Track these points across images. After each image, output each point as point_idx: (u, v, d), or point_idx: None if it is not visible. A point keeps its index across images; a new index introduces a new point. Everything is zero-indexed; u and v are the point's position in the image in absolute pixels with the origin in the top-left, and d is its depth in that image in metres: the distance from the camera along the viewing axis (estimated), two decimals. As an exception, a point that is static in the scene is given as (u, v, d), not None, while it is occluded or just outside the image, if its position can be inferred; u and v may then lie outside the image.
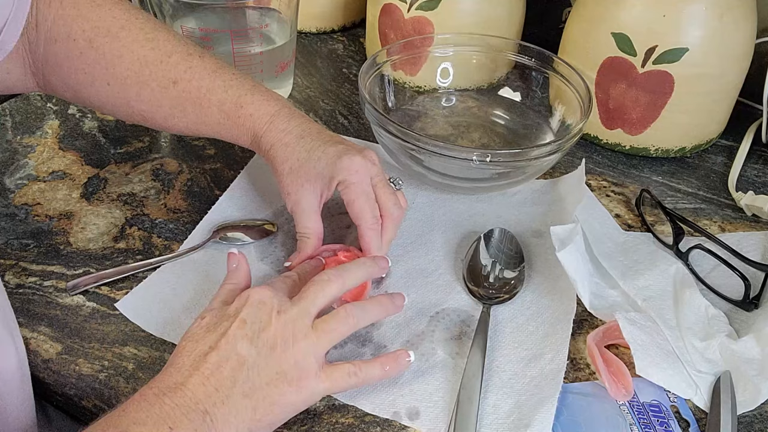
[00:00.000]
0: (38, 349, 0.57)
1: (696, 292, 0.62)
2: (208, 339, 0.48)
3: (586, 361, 0.58)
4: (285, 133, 0.61)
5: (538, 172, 0.70)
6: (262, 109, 0.61)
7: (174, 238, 0.68)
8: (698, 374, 0.56)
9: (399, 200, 0.62)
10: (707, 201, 0.76)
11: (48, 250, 0.66)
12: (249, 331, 0.48)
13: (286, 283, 0.55)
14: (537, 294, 0.63)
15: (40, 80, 0.63)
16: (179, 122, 0.63)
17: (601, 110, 0.80)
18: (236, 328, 0.48)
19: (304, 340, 0.49)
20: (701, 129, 0.80)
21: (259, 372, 0.47)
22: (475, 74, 0.84)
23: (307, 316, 0.50)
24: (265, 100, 0.62)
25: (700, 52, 0.72)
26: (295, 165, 0.60)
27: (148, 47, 0.61)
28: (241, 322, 0.48)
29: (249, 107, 0.61)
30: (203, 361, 0.47)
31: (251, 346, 0.48)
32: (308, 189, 0.60)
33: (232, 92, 0.62)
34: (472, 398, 0.52)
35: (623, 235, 0.69)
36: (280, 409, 0.48)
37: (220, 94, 0.61)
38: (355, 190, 0.59)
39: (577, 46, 0.80)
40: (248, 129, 0.62)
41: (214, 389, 0.46)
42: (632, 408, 0.54)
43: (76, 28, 0.59)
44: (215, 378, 0.46)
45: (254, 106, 0.61)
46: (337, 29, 1.06)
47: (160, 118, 0.63)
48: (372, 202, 0.60)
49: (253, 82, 0.63)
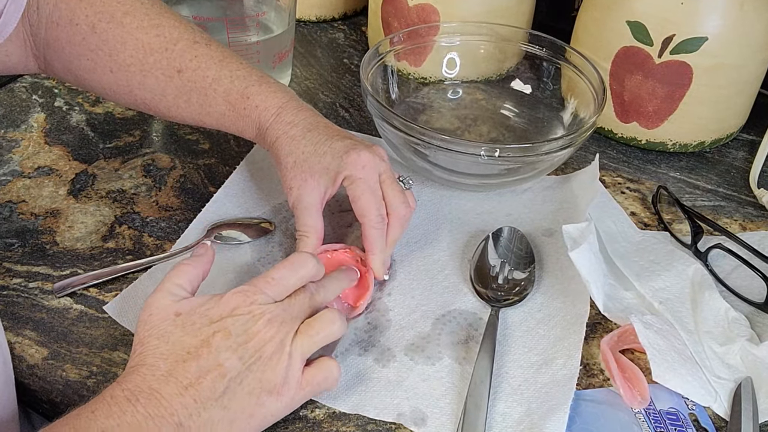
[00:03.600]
0: (23, 354, 0.57)
1: (715, 294, 0.61)
2: (186, 343, 0.47)
3: (599, 367, 0.58)
4: (291, 126, 0.61)
5: (550, 167, 0.70)
6: (269, 101, 0.62)
7: (166, 237, 0.68)
8: (718, 380, 0.56)
9: (407, 199, 0.62)
10: (727, 198, 0.76)
11: (33, 250, 0.66)
12: (233, 342, 0.47)
13: (271, 286, 0.52)
14: (548, 296, 0.63)
15: (41, 63, 0.64)
16: (183, 112, 0.64)
17: (616, 103, 0.80)
18: (221, 339, 0.47)
19: (289, 348, 0.49)
20: (721, 122, 0.79)
21: (240, 382, 0.47)
22: (483, 65, 0.84)
23: (294, 323, 0.50)
24: (273, 91, 0.62)
25: (719, 41, 0.72)
26: (299, 158, 0.60)
27: (153, 34, 0.61)
28: (226, 333, 0.48)
29: (256, 98, 0.62)
30: (181, 368, 0.46)
31: (235, 357, 0.47)
32: (312, 184, 0.60)
33: (239, 83, 0.62)
34: (480, 405, 0.52)
35: (639, 234, 0.69)
36: (258, 422, 0.48)
37: (227, 84, 0.62)
38: (362, 186, 0.59)
39: (590, 35, 0.80)
40: (254, 120, 0.62)
41: (192, 400, 0.45)
42: (648, 416, 0.54)
43: (78, 12, 0.60)
44: (194, 389, 0.46)
45: (261, 97, 0.62)
46: (337, 17, 1.06)
47: (164, 107, 0.64)
48: (378, 200, 0.60)
49: (261, 73, 0.63)
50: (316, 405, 0.54)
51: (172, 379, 0.46)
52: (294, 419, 0.53)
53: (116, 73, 0.62)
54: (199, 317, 0.49)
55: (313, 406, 0.54)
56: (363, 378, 0.56)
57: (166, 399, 0.45)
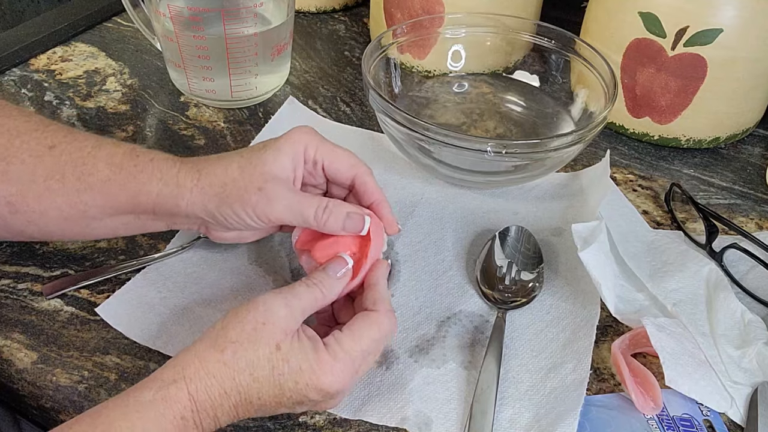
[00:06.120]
0: (12, 358, 0.57)
1: (731, 295, 0.61)
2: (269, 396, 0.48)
3: (610, 371, 0.58)
4: (204, 160, 0.56)
5: (559, 164, 0.70)
6: (163, 154, 0.57)
7: (160, 236, 0.68)
8: (733, 385, 0.56)
9: None
10: (743, 196, 0.76)
11: (22, 250, 0.66)
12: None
13: (309, 301, 0.51)
14: (557, 298, 0.63)
15: None
16: (57, 197, 0.55)
17: (627, 97, 0.80)
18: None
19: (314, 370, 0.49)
20: (736, 117, 0.79)
21: (260, 396, 0.48)
22: (490, 57, 0.84)
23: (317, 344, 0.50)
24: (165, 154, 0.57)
25: (735, 33, 0.72)
26: (240, 171, 0.55)
27: (22, 119, 0.56)
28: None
29: (148, 154, 0.56)
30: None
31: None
32: (280, 184, 0.55)
33: (124, 146, 0.57)
34: (486, 411, 0.52)
35: (651, 234, 0.69)
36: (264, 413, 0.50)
37: (109, 149, 0.56)
38: (329, 143, 0.57)
39: (601, 26, 0.80)
40: (151, 174, 0.55)
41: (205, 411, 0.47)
42: (661, 422, 0.54)
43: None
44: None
45: (154, 153, 0.57)
46: (338, 8, 1.05)
47: (33, 198, 0.55)
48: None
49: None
50: (316, 411, 0.54)
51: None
52: (293, 425, 0.53)
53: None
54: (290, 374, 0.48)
55: (312, 411, 0.54)
56: (365, 381, 0.56)
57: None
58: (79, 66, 0.90)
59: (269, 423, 0.53)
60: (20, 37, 0.92)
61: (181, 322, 0.59)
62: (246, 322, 0.48)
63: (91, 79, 0.88)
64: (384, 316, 0.51)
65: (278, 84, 0.87)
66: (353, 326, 0.50)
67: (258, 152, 0.56)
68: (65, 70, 0.89)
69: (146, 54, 0.93)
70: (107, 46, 0.94)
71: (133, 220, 0.57)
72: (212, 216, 0.55)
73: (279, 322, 0.48)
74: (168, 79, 0.87)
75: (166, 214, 0.56)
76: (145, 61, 0.92)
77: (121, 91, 0.86)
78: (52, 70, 0.89)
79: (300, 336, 0.49)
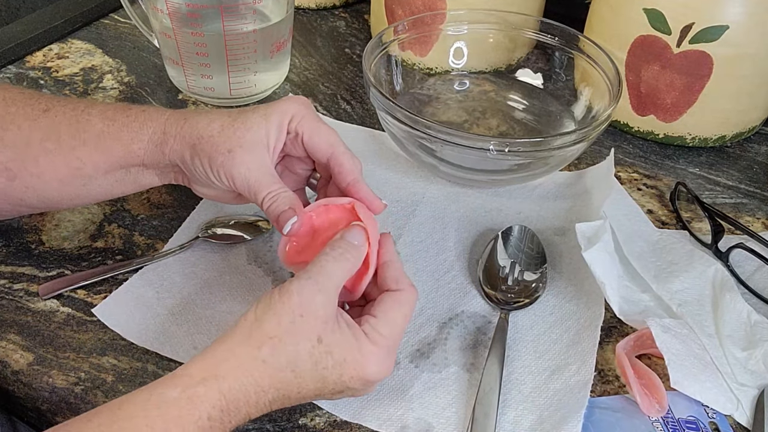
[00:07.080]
0: (7, 360, 0.57)
1: (737, 296, 0.61)
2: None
3: (615, 373, 0.58)
4: (195, 112, 0.58)
5: (562, 163, 0.70)
6: (156, 107, 0.58)
7: (158, 236, 0.68)
8: (740, 387, 0.56)
9: None
10: (749, 195, 0.75)
11: (18, 250, 0.66)
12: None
13: (340, 277, 0.50)
14: (561, 298, 0.63)
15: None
16: (54, 157, 0.56)
17: (632, 95, 0.80)
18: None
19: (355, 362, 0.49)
20: (743, 115, 0.79)
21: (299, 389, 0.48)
22: (492, 55, 0.84)
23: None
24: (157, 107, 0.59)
25: (741, 30, 0.72)
26: (220, 129, 0.55)
27: (17, 90, 0.59)
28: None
29: (140, 107, 0.58)
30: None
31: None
32: (252, 152, 0.55)
33: (117, 105, 0.59)
34: (489, 414, 0.52)
35: (656, 233, 0.69)
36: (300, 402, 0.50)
37: (102, 107, 0.58)
38: (313, 117, 0.57)
39: (605, 23, 0.80)
40: (142, 124, 0.57)
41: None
42: (666, 425, 0.54)
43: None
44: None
45: (147, 106, 0.59)
46: (338, 5, 1.05)
47: (30, 162, 0.56)
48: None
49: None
50: (316, 413, 0.54)
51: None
52: (293, 428, 0.53)
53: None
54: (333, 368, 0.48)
55: (313, 414, 0.54)
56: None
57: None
58: (75, 63, 0.90)
59: (268, 425, 0.53)
60: (16, 34, 0.92)
61: (179, 323, 0.59)
62: (282, 314, 0.47)
63: (88, 76, 0.88)
64: (409, 294, 0.52)
65: (278, 82, 0.87)
66: (385, 310, 0.50)
67: (245, 114, 0.56)
68: (62, 67, 0.89)
69: (144, 51, 0.93)
70: (104, 43, 0.94)
71: (125, 176, 0.58)
72: (187, 167, 0.57)
73: (317, 311, 0.47)
74: (166, 76, 0.87)
75: (155, 164, 0.58)
76: (143, 58, 0.92)
77: (119, 89, 0.86)
78: (48, 68, 0.89)
79: (340, 323, 0.48)
